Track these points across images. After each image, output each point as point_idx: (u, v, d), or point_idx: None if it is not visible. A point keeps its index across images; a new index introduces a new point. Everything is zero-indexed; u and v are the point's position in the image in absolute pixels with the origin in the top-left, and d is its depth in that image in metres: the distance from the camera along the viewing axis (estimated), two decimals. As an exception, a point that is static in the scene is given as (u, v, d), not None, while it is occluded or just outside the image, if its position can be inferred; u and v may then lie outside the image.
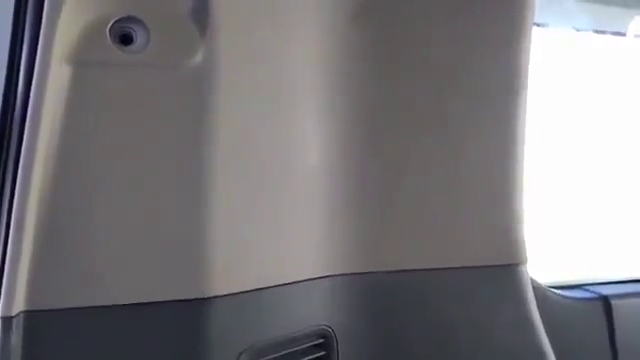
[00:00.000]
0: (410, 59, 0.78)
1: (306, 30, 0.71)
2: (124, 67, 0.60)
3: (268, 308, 0.67)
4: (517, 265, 0.85)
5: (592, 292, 1.11)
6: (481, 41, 0.82)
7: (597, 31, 1.74)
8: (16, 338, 0.55)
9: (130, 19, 0.60)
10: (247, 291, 0.64)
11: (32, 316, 0.55)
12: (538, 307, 0.88)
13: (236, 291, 0.63)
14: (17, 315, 0.55)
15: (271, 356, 0.68)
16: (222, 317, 0.62)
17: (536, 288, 0.92)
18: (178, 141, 0.61)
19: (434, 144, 0.80)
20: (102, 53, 0.59)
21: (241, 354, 0.64)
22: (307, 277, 0.71)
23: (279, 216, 0.69)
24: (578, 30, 1.71)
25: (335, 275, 0.74)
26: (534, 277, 0.94)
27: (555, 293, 1.05)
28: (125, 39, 0.61)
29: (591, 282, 1.16)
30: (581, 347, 1.02)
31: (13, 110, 0.59)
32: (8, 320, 0.55)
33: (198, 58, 0.61)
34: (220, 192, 0.63)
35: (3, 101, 0.61)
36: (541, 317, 0.88)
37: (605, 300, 1.08)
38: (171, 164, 0.61)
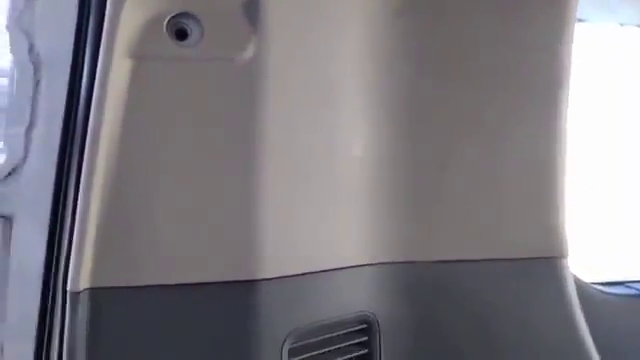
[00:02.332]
0: (453, 55, 0.79)
1: (351, 26, 0.73)
2: (180, 61, 0.63)
3: (314, 292, 0.69)
4: (558, 258, 0.85)
5: (634, 289, 1.09)
6: (524, 37, 0.82)
7: (642, 26, 1.70)
8: (82, 312, 0.59)
9: (185, 15, 0.64)
10: (294, 275, 0.67)
11: (96, 293, 0.59)
12: (579, 302, 0.88)
13: (284, 275, 0.66)
14: (83, 291, 0.59)
15: (316, 339, 0.70)
16: (271, 299, 0.65)
17: (578, 284, 0.91)
18: (230, 130, 0.64)
19: (477, 138, 0.81)
20: (159, 47, 0.62)
21: (287, 336, 0.66)
22: (352, 264, 0.73)
23: (325, 205, 0.71)
24: (622, 25, 1.68)
25: (378, 263, 0.76)
26: (575, 273, 0.94)
27: (596, 289, 1.04)
28: (180, 34, 0.64)
29: (633, 279, 1.14)
30: (622, 343, 1.01)
31: (78, 100, 0.63)
32: (75, 295, 0.59)
33: (249, 52, 0.64)
34: (269, 181, 0.65)
35: (68, 92, 0.65)
36: (582, 312, 0.88)
37: None
38: (223, 153, 0.64)
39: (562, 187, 0.86)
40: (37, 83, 0.77)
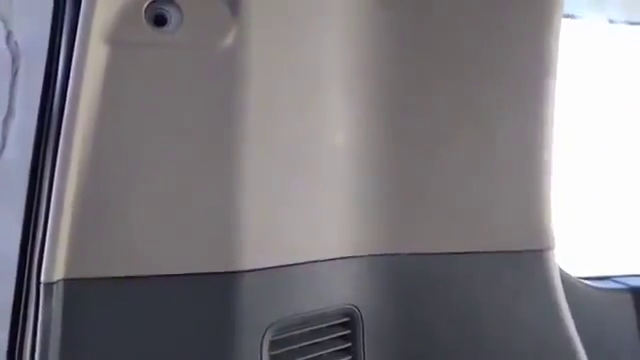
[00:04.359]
0: (439, 44, 0.79)
1: (335, 13, 0.72)
2: (158, 47, 0.62)
3: (296, 284, 0.69)
4: (544, 251, 0.85)
5: (621, 283, 1.09)
6: (510, 26, 0.82)
7: (631, 22, 1.71)
8: (57, 303, 0.58)
9: (164, 0, 0.62)
10: (276, 267, 0.66)
11: (71, 283, 0.58)
12: (566, 296, 0.88)
13: (265, 266, 0.65)
14: (58, 282, 0.58)
15: (297, 332, 0.69)
16: (251, 291, 0.64)
17: (564, 277, 0.91)
18: (210, 119, 0.63)
19: (462, 128, 0.80)
20: (138, 34, 0.61)
21: (268, 328, 0.65)
22: (335, 256, 0.72)
23: (308, 195, 0.70)
24: (611, 21, 1.68)
25: (362, 256, 0.75)
26: (562, 267, 0.94)
27: (583, 283, 1.04)
28: (159, 20, 0.63)
29: (620, 274, 1.14)
30: (609, 337, 1.01)
31: (54, 87, 0.62)
32: (49, 286, 0.58)
33: (230, 39, 0.63)
34: (251, 170, 0.64)
35: (45, 80, 0.64)
36: (569, 306, 0.88)
37: (634, 292, 1.06)
38: (204, 142, 0.63)
39: (549, 179, 0.85)
40: (15, 72, 0.76)
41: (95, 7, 0.60)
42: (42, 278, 0.58)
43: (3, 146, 0.75)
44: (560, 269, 0.90)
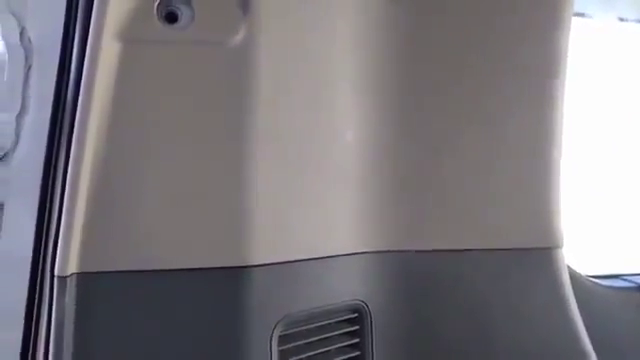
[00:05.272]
0: (446, 41, 0.79)
1: (345, 11, 0.72)
2: (170, 44, 0.63)
3: (305, 280, 0.69)
4: (553, 249, 0.85)
5: (630, 282, 1.09)
6: (520, 24, 0.82)
7: (641, 21, 1.70)
8: (70, 297, 0.58)
9: (176, -2, 0.63)
10: (285, 262, 0.66)
11: (84, 277, 0.59)
12: (574, 294, 0.87)
13: (275, 261, 0.65)
14: (71, 275, 0.59)
15: (305, 327, 0.70)
16: (260, 286, 0.64)
17: (573, 275, 0.91)
18: (221, 116, 0.64)
19: (472, 127, 0.80)
20: (149, 31, 0.62)
21: (277, 323, 0.66)
22: (343, 252, 0.72)
23: (317, 192, 0.71)
24: (621, 20, 1.67)
25: (371, 252, 0.75)
26: (571, 265, 0.94)
27: (592, 281, 1.03)
28: (171, 17, 0.63)
29: (629, 273, 1.14)
30: (617, 336, 1.01)
31: (67, 83, 0.63)
32: (62, 280, 0.58)
33: (240, 36, 0.64)
34: (260, 166, 0.65)
35: (58, 77, 0.65)
36: (577, 304, 0.87)
37: None
38: (214, 138, 0.63)
39: (557, 177, 0.85)
40: (28, 69, 0.77)
41: (107, 4, 0.61)
42: (56, 272, 0.59)
43: (17, 142, 0.76)
44: (569, 267, 0.90)
